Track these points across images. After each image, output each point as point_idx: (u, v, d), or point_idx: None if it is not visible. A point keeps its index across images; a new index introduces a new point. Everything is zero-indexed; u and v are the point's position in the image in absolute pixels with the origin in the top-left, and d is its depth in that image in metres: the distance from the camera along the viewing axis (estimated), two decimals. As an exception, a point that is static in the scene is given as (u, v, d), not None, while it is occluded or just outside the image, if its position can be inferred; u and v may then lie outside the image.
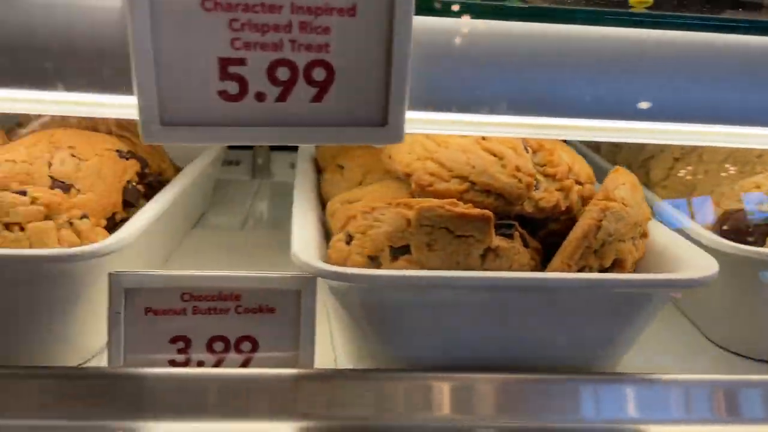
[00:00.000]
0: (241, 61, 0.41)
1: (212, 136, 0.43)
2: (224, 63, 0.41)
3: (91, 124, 0.77)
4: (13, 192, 0.54)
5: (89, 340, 0.63)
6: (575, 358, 0.61)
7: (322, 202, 0.77)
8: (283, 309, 0.59)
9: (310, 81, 0.42)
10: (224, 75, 0.41)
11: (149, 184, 0.72)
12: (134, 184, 0.68)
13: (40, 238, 0.55)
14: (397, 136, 0.44)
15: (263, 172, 1.46)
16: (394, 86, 0.43)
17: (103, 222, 0.63)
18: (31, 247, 0.55)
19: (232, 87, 0.42)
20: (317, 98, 0.43)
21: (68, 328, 0.60)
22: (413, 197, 0.63)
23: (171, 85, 0.41)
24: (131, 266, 0.56)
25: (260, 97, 0.42)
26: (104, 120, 0.78)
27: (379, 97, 0.43)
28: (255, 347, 0.59)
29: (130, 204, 0.69)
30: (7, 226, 0.54)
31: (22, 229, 0.55)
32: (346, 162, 0.79)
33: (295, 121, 0.43)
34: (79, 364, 0.63)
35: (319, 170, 0.93)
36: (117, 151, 0.68)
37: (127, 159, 0.68)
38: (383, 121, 0.44)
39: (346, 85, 0.43)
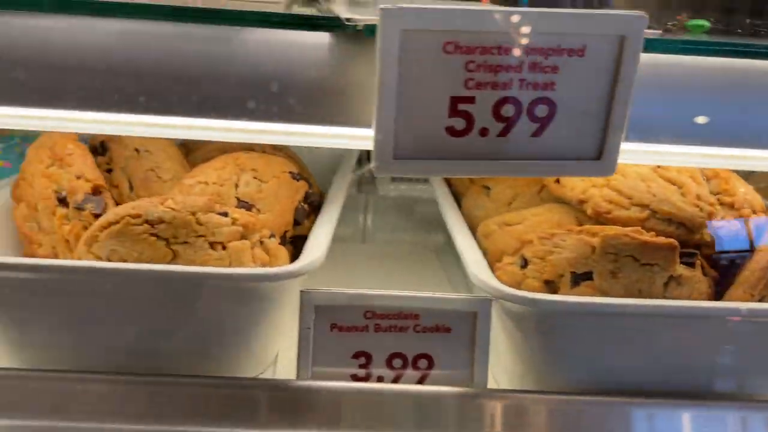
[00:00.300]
0: (471, 100, 0.44)
1: (437, 169, 0.45)
2: (455, 101, 0.43)
3: (249, 145, 0.82)
4: (217, 213, 0.58)
5: (265, 352, 0.67)
6: (744, 387, 0.61)
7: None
8: (458, 329, 0.61)
9: (532, 117, 0.44)
10: (453, 112, 0.44)
11: (311, 204, 0.75)
12: (302, 203, 0.72)
13: (238, 257, 0.59)
14: (611, 169, 0.46)
15: (368, 186, 1.50)
16: (613, 122, 0.44)
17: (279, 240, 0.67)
18: (230, 265, 0.59)
19: (459, 123, 0.44)
20: (536, 133, 0.45)
21: (252, 340, 0.63)
22: (581, 224, 0.64)
23: (405, 121, 0.43)
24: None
25: (484, 132, 0.45)
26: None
27: (597, 132, 0.45)
28: (431, 365, 0.61)
29: (297, 222, 0.73)
30: (212, 245, 0.58)
31: (224, 248, 0.59)
32: (492, 183, 0.81)
33: (514, 155, 0.45)
34: (256, 376, 0.67)
35: (448, 185, 0.95)
36: (290, 172, 0.72)
37: (297, 180, 0.72)
38: (598, 154, 0.46)
39: (566, 120, 0.45)
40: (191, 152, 0.82)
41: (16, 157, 0.94)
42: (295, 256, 0.66)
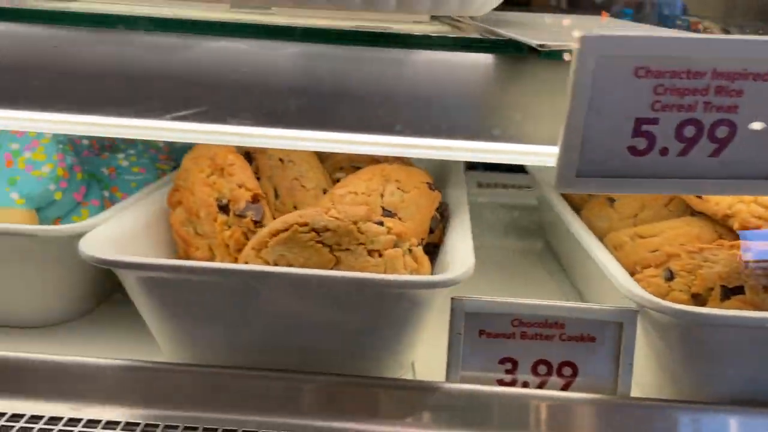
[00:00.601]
0: (654, 121, 0.46)
1: (617, 186, 0.47)
2: (640, 122, 0.46)
3: (375, 157, 0.85)
4: (374, 223, 0.62)
5: (406, 355, 0.69)
6: None
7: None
8: (603, 339, 0.63)
9: (712, 138, 0.46)
10: (637, 133, 0.46)
11: (442, 213, 0.78)
12: (436, 212, 0.75)
13: (392, 264, 0.62)
14: (787, 188, 0.47)
15: (456, 191, 1.51)
16: (793, 143, 0.46)
17: (418, 248, 0.70)
18: (385, 271, 0.62)
19: (641, 143, 0.46)
20: (715, 153, 0.47)
21: (399, 343, 0.66)
22: (721, 238, 0.66)
23: (590, 140, 0.46)
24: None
25: (664, 152, 0.46)
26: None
27: (774, 153, 0.46)
28: (575, 372, 0.63)
29: (431, 230, 0.76)
30: (370, 252, 0.62)
31: (380, 255, 0.62)
32: (617, 195, 0.83)
33: (691, 174, 0.47)
34: (397, 377, 0.70)
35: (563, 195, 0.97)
36: (428, 183, 0.75)
37: (433, 191, 0.75)
38: (775, 174, 0.47)
39: (745, 141, 0.46)
40: (322, 161, 0.87)
41: (146, 163, 0.99)
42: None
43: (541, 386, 0.63)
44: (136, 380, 0.63)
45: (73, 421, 0.58)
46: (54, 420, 0.58)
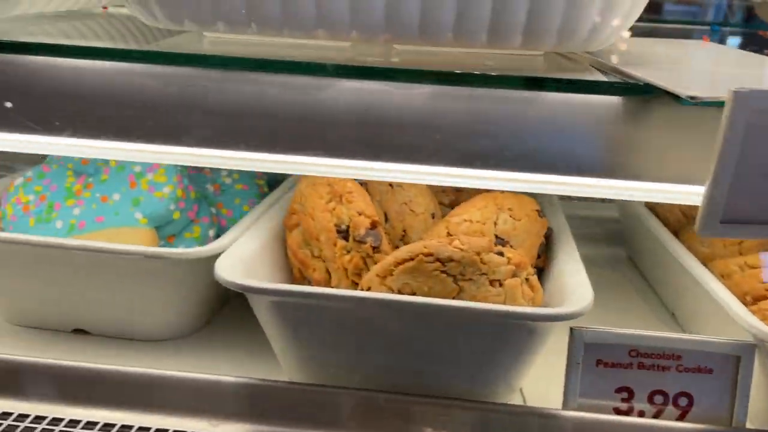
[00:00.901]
0: (801, 173, 0.46)
1: (758, 232, 0.49)
2: (786, 171, 0.47)
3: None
4: (494, 253, 0.64)
5: (517, 381, 0.71)
6: None
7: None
8: (720, 371, 0.64)
9: None
10: (782, 180, 0.47)
11: (548, 238, 0.80)
12: (543, 238, 0.77)
13: (512, 294, 0.64)
14: None
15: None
16: None
17: (527, 274, 0.72)
18: (505, 301, 0.64)
19: (785, 194, 0.47)
20: None
21: (512, 370, 0.68)
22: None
23: (736, 188, 0.47)
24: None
25: (808, 199, 0.47)
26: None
27: None
28: (691, 403, 0.64)
29: (537, 256, 0.77)
30: (491, 282, 0.64)
31: (500, 284, 0.64)
32: (719, 221, 0.83)
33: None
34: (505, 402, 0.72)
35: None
36: (537, 210, 0.77)
37: (541, 218, 0.77)
38: None
39: None
40: (425, 184, 0.89)
41: (247, 179, 1.03)
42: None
43: (657, 416, 0.65)
44: (268, 398, 0.66)
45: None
46: (195, 435, 0.62)
